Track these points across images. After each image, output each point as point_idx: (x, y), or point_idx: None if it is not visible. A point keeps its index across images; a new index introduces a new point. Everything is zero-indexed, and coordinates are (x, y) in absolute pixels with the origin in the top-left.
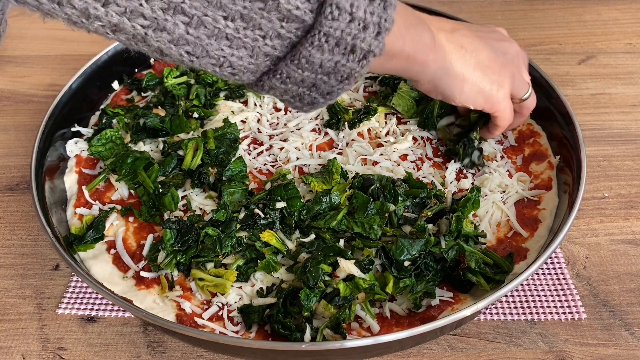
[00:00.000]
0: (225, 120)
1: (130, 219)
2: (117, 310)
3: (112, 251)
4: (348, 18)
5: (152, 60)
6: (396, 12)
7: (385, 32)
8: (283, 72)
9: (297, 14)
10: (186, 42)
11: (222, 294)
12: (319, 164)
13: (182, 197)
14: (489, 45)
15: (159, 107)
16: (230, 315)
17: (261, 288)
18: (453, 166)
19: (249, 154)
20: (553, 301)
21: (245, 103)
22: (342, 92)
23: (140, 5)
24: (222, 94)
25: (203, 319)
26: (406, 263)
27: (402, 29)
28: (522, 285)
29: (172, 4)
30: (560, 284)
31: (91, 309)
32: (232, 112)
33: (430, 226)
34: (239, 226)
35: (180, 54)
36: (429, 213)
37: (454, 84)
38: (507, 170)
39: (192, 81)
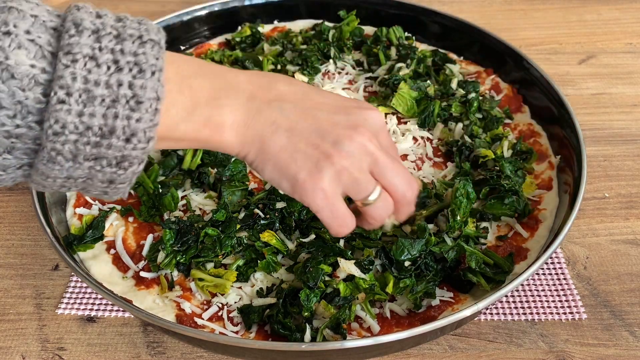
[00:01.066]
0: None
1: (130, 219)
2: (116, 311)
3: (112, 251)
4: (80, 127)
5: None
6: (178, 91)
7: (145, 132)
8: (37, 180)
9: (20, 131)
10: None
11: (222, 294)
12: None
13: (182, 197)
14: (315, 129)
15: None
16: (230, 315)
17: (261, 288)
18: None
19: None
20: (553, 301)
21: None
22: (126, 188)
23: None
24: None
25: (203, 319)
26: (406, 263)
27: (187, 106)
28: (522, 285)
29: None
30: (560, 284)
31: (91, 309)
32: None
33: (430, 226)
34: (239, 226)
35: None
36: (424, 213)
37: (256, 162)
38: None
39: None
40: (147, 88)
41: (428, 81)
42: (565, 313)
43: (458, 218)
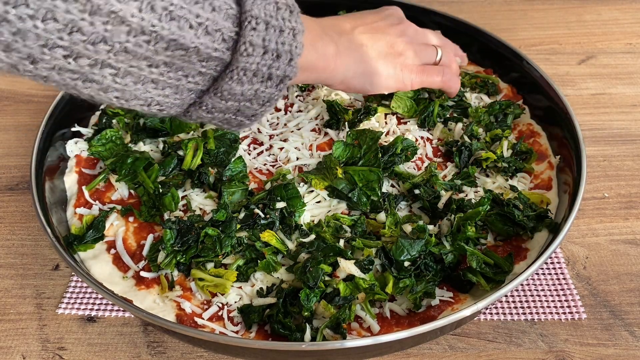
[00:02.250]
0: None
1: (130, 219)
2: (117, 310)
3: (112, 251)
4: (262, 51)
5: None
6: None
7: (297, 57)
8: (208, 104)
9: (216, 54)
10: (115, 89)
11: (222, 294)
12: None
13: (182, 197)
14: (385, 34)
15: None
16: (230, 315)
17: (261, 288)
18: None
19: (249, 154)
20: (553, 301)
21: None
22: (265, 113)
23: (68, 63)
24: None
25: (203, 319)
26: (406, 263)
27: (309, 46)
28: (522, 285)
29: (99, 60)
30: (560, 284)
31: (91, 309)
32: None
33: (430, 227)
34: (239, 226)
35: (109, 99)
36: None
37: (363, 80)
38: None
39: None
40: (298, 23)
41: None
42: (564, 313)
43: (465, 230)
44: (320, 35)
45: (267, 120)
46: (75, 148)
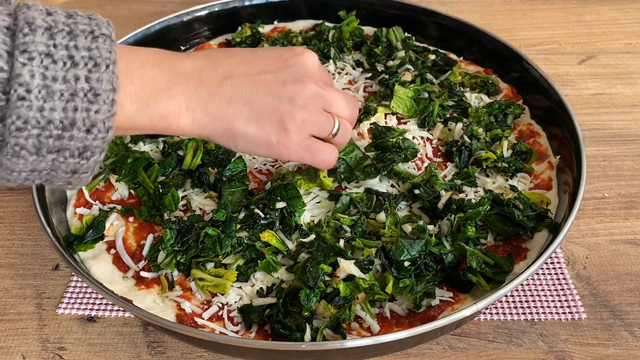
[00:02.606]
0: None
1: (130, 219)
2: (117, 310)
3: (112, 251)
4: (42, 122)
5: None
6: (129, 82)
7: (104, 123)
8: (2, 175)
9: None
10: None
11: (222, 294)
12: None
13: (182, 197)
14: (269, 93)
15: None
16: (230, 315)
17: (261, 288)
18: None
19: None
20: (553, 301)
21: None
22: (88, 177)
23: None
24: None
25: (203, 319)
26: (406, 263)
27: (141, 97)
28: (522, 285)
29: None
30: (560, 284)
31: (91, 309)
32: None
33: (430, 227)
34: (239, 226)
35: None
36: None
37: (225, 139)
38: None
39: None
40: (103, 81)
41: (428, 82)
42: (564, 313)
43: (466, 230)
44: (158, 90)
45: None
46: None
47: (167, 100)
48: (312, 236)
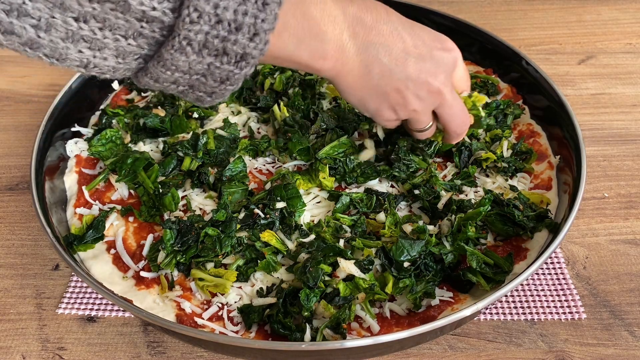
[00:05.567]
0: (225, 121)
1: (130, 219)
2: (117, 310)
3: (112, 251)
4: (213, 20)
5: None
6: (292, 15)
7: (265, 34)
8: (152, 73)
9: (154, 14)
10: (41, 45)
11: (222, 294)
12: None
13: (182, 197)
14: (403, 74)
15: (159, 107)
16: (230, 315)
17: (261, 288)
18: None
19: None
20: (553, 301)
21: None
22: (228, 92)
23: None
24: None
25: (203, 319)
26: (406, 263)
27: (298, 32)
28: (522, 285)
29: (13, 5)
30: (560, 284)
31: (91, 309)
32: (232, 112)
33: (430, 227)
34: (239, 226)
35: (38, 57)
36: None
37: (349, 88)
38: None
39: None
40: None
41: None
42: (564, 313)
43: (466, 230)
44: (317, 31)
45: None
46: (75, 148)
47: (320, 43)
48: (312, 236)
